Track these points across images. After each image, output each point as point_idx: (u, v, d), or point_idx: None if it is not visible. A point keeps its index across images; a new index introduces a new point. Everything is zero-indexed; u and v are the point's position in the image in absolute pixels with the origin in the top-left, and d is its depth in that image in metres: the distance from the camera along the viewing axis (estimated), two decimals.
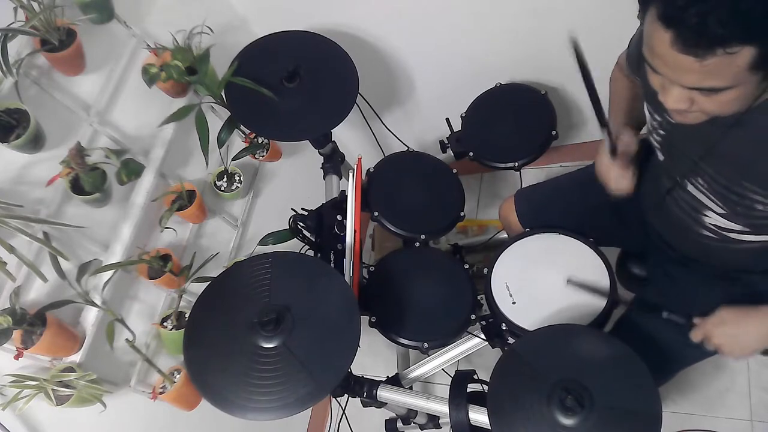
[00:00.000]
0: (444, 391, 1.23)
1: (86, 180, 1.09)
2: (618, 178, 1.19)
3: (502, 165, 1.57)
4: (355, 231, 1.37)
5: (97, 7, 1.12)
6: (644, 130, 1.17)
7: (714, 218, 1.06)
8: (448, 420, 1.21)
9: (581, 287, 1.23)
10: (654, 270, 1.36)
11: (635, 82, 1.20)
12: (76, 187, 1.10)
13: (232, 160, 1.50)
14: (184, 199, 1.33)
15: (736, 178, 0.96)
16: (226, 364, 1.05)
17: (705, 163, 1.00)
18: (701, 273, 1.21)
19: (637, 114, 1.23)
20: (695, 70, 0.76)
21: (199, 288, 1.20)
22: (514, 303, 1.29)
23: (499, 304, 1.30)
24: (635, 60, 1.12)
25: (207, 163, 1.37)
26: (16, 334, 0.99)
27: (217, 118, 1.49)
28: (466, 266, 1.43)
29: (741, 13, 0.70)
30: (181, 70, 1.26)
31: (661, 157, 1.13)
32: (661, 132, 1.08)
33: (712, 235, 1.10)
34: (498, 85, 1.70)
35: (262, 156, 1.58)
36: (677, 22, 0.74)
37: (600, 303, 1.24)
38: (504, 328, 1.28)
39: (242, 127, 1.47)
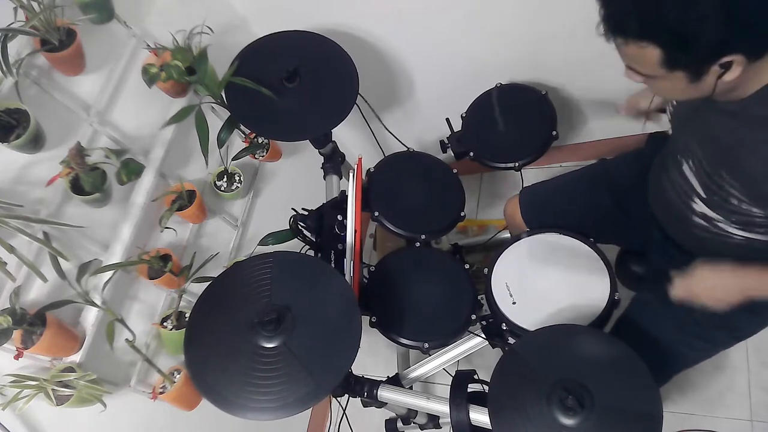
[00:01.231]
0: (444, 391, 1.23)
1: (86, 180, 1.09)
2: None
3: (503, 165, 1.57)
4: (355, 231, 1.37)
5: (97, 7, 1.12)
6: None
7: (699, 205, 1.07)
8: (449, 420, 1.21)
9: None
10: (653, 268, 1.35)
11: None
12: (76, 187, 1.10)
13: (232, 160, 1.50)
14: (184, 199, 1.33)
15: (717, 166, 0.98)
16: (226, 364, 1.05)
17: (697, 145, 1.02)
18: None
19: None
20: (619, 52, 0.88)
21: (199, 288, 1.20)
22: (514, 303, 1.29)
23: (499, 304, 1.30)
24: None
25: (207, 163, 1.37)
26: (16, 334, 0.99)
27: (217, 118, 1.49)
28: (466, 266, 1.43)
29: (639, 13, 0.80)
30: (181, 70, 1.26)
31: (670, 131, 1.15)
32: (674, 102, 1.11)
33: (703, 223, 1.11)
34: (498, 85, 1.70)
35: (262, 156, 1.58)
36: (601, 6, 0.85)
37: (600, 303, 1.24)
38: (504, 328, 1.28)
39: (242, 127, 1.47)
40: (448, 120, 1.66)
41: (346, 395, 1.31)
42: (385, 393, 1.30)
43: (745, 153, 0.92)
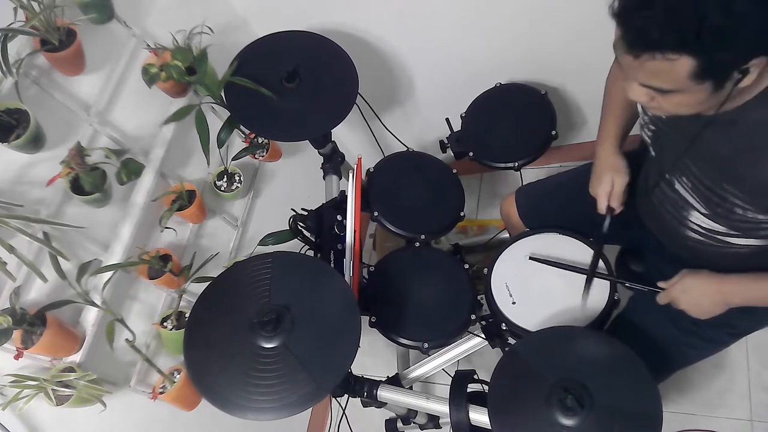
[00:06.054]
0: (444, 391, 1.23)
1: (86, 180, 1.09)
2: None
3: (502, 165, 1.57)
4: (355, 231, 1.37)
5: (97, 7, 1.12)
6: (636, 127, 1.17)
7: (698, 219, 1.06)
8: (448, 420, 1.21)
9: (544, 262, 1.31)
10: (651, 268, 1.36)
11: None
12: (76, 187, 1.10)
13: (232, 160, 1.50)
14: (184, 199, 1.33)
15: (717, 179, 0.96)
16: (226, 364, 1.05)
17: (690, 160, 1.00)
18: None
19: (627, 120, 1.26)
20: (637, 68, 0.80)
21: (199, 288, 1.20)
22: (514, 303, 1.29)
23: (499, 304, 1.30)
24: None
25: (208, 163, 1.37)
26: (16, 334, 0.99)
27: (217, 118, 1.49)
28: (466, 266, 1.43)
29: (676, 23, 0.73)
30: (181, 70, 1.26)
31: (652, 153, 1.13)
32: (652, 127, 1.08)
33: (698, 237, 1.10)
34: (498, 85, 1.70)
35: (262, 156, 1.58)
36: (625, 21, 0.78)
37: (599, 303, 1.24)
38: (504, 328, 1.28)
39: (242, 127, 1.47)
40: (447, 120, 1.66)
41: (346, 395, 1.31)
42: (384, 393, 1.30)
43: (746, 162, 0.90)
